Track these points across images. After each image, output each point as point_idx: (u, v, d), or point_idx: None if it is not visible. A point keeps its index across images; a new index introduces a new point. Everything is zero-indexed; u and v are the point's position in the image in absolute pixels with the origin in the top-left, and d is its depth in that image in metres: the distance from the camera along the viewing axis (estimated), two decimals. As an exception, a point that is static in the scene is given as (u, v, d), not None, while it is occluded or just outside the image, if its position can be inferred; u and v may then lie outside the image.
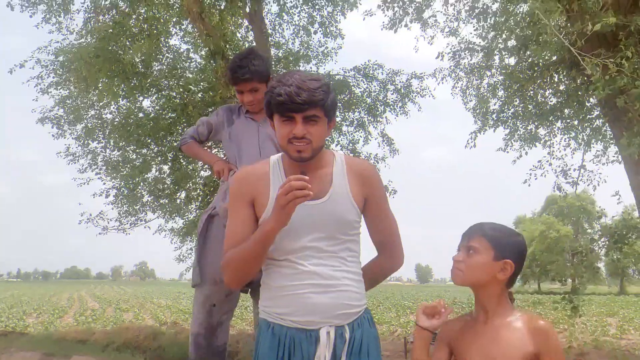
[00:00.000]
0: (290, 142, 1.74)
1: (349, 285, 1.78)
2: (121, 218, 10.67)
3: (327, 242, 1.77)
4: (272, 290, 1.80)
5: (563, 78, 9.06)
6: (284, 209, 1.60)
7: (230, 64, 2.95)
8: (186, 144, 3.17)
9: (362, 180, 1.86)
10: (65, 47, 9.52)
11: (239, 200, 1.82)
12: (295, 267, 1.75)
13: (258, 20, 9.58)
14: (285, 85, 1.70)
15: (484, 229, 1.77)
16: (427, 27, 9.68)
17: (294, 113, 1.71)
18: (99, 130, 10.07)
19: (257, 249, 1.70)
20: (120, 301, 31.66)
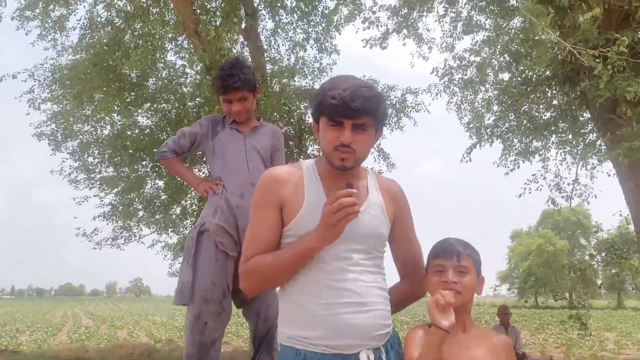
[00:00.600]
0: (336, 149, 1.64)
1: (382, 304, 1.67)
2: (116, 234, 10.62)
3: (361, 255, 1.66)
4: (299, 309, 1.63)
5: (556, 93, 9.13)
6: (335, 228, 1.51)
7: (218, 73, 2.86)
8: (166, 160, 3.00)
9: (392, 198, 1.80)
10: (61, 63, 9.56)
11: (267, 203, 1.69)
12: (328, 282, 1.61)
13: (254, 36, 9.65)
14: (340, 89, 1.61)
15: (465, 247, 1.79)
16: (422, 43, 9.78)
17: (345, 119, 1.62)
18: (93, 146, 10.04)
19: (295, 263, 1.60)
20: (114, 318, 31.34)
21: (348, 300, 1.59)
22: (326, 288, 1.60)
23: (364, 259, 1.66)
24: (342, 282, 1.60)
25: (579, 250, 47.35)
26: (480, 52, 9.59)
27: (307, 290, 1.62)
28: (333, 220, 1.49)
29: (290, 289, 1.67)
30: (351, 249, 1.64)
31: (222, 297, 2.74)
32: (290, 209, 1.67)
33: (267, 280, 1.68)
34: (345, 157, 1.64)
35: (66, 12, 9.84)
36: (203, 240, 2.78)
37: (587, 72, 7.32)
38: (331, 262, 1.62)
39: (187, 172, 3.27)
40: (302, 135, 9.75)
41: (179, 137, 3.00)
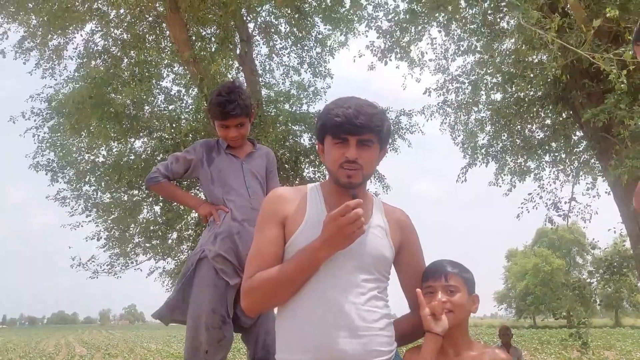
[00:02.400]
0: (341, 167, 1.66)
1: (381, 329, 1.62)
2: (112, 261, 10.55)
3: (362, 276, 1.63)
4: (293, 333, 1.62)
5: (549, 112, 9.25)
6: (348, 239, 1.54)
7: (215, 99, 2.81)
8: (157, 184, 2.89)
9: (399, 226, 1.80)
10: (58, 93, 9.64)
11: (269, 220, 1.71)
12: (326, 304, 1.58)
13: (248, 62, 9.78)
14: (343, 107, 1.65)
15: (453, 267, 1.81)
16: (414, 65, 9.92)
17: (349, 135, 1.64)
18: (90, 174, 10.04)
19: (301, 274, 1.60)
20: (109, 346, 30.87)
21: (343, 323, 1.56)
22: (322, 311, 1.58)
23: (365, 280, 1.64)
24: (340, 305, 1.58)
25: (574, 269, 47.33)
26: (472, 74, 9.73)
27: (303, 313, 1.61)
28: (348, 230, 1.51)
29: (287, 312, 1.66)
30: (352, 269, 1.63)
31: (222, 324, 2.70)
32: (292, 224, 1.69)
33: (271, 296, 1.64)
34: (352, 173, 1.65)
35: (63, 42, 9.95)
36: (202, 266, 2.73)
37: (578, 90, 7.46)
38: (330, 284, 1.61)
39: (184, 195, 3.23)
40: (298, 158, 9.80)
41: (171, 162, 2.93)
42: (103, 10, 9.62)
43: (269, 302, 1.69)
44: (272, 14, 10.79)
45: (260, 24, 10.71)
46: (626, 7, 6.84)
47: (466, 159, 9.82)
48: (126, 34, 9.88)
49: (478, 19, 9.23)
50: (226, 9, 8.69)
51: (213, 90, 3.26)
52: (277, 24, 10.94)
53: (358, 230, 1.53)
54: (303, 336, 1.59)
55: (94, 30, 9.92)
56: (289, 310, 1.65)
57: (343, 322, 1.56)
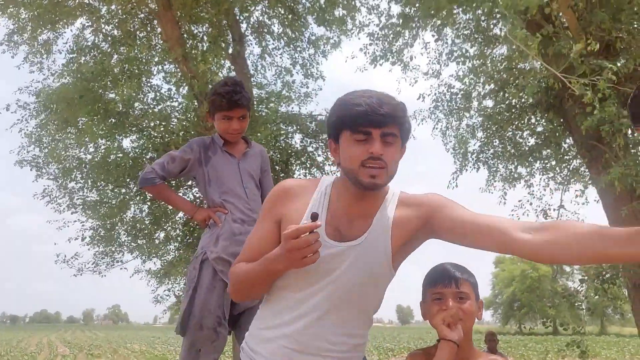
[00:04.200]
0: (364, 165, 1.46)
1: (337, 352, 1.55)
2: (97, 259, 10.42)
3: (340, 294, 1.52)
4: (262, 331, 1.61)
5: (540, 120, 9.29)
6: (300, 263, 1.41)
7: (221, 89, 2.77)
8: (153, 186, 2.83)
9: (417, 204, 1.57)
10: (46, 87, 9.51)
11: (268, 213, 1.62)
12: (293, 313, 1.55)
13: (240, 61, 9.72)
14: (364, 96, 1.48)
15: (462, 272, 1.74)
16: (408, 69, 9.93)
17: (373, 128, 1.46)
18: (76, 170, 9.91)
19: (260, 280, 1.55)
20: (92, 346, 30.54)
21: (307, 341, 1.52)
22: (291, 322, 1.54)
23: (347, 301, 1.54)
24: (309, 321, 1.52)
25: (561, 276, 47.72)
26: (464, 80, 9.75)
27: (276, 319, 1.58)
28: (296, 256, 1.38)
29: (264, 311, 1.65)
30: (333, 290, 1.52)
31: (217, 325, 2.71)
32: (288, 223, 1.54)
33: (245, 289, 1.62)
34: (376, 172, 1.46)
35: (53, 36, 9.83)
36: (204, 269, 2.73)
37: (570, 99, 7.48)
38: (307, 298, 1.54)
39: (179, 199, 3.18)
40: (288, 159, 9.76)
41: (166, 161, 2.85)
42: (94, 5, 9.51)
43: (245, 293, 1.67)
44: (265, 13, 10.75)
45: (253, 23, 10.66)
46: (617, 17, 6.90)
47: (457, 164, 9.83)
48: (117, 30, 9.78)
49: (471, 25, 9.26)
50: (219, 8, 8.63)
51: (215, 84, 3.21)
52: (270, 24, 10.90)
53: (309, 257, 1.38)
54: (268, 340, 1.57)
55: (84, 25, 9.81)
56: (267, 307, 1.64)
57: (306, 339, 1.52)
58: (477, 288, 1.74)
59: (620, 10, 6.87)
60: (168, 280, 11.10)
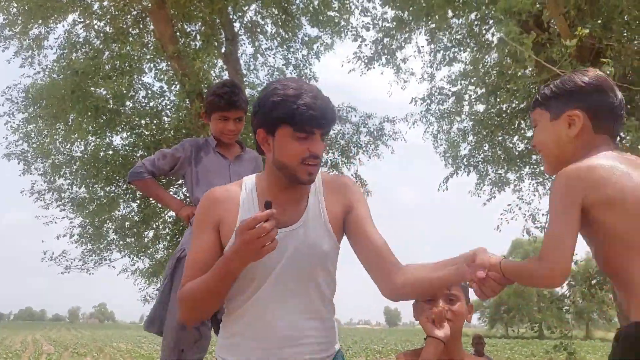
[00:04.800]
0: (304, 163, 1.51)
1: (313, 337, 1.56)
2: (85, 257, 10.33)
3: (295, 279, 1.54)
4: (230, 334, 1.60)
5: (530, 125, 9.36)
6: (259, 254, 1.38)
7: (220, 90, 2.80)
8: (142, 180, 2.86)
9: (341, 192, 1.65)
10: (37, 82, 9.43)
11: (203, 224, 1.58)
12: (259, 314, 1.54)
13: (233, 61, 9.68)
14: (310, 97, 1.49)
15: None
16: (400, 72, 9.98)
17: (317, 129, 1.50)
18: (65, 167, 9.82)
19: (219, 285, 1.48)
20: (77, 345, 30.26)
21: (277, 334, 1.53)
22: (256, 321, 1.54)
23: (302, 284, 1.56)
24: (272, 313, 1.53)
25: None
26: (456, 83, 9.81)
27: (239, 323, 1.58)
28: (255, 246, 1.36)
29: (226, 321, 1.63)
30: (286, 274, 1.54)
31: (200, 324, 2.69)
32: (226, 230, 1.56)
33: (198, 307, 1.55)
34: (313, 170, 1.53)
35: (45, 31, 9.75)
36: (180, 266, 2.71)
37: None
38: (260, 289, 1.54)
39: (166, 195, 3.18)
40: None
41: (157, 158, 2.88)
42: (86, 1, 9.44)
43: (199, 312, 1.60)
44: (258, 13, 10.74)
45: (247, 23, 10.64)
46: (609, 25, 6.98)
47: (447, 168, 9.88)
48: (109, 27, 9.72)
49: (464, 30, 9.33)
50: (212, 7, 8.60)
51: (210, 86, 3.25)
52: (264, 24, 10.89)
53: (268, 245, 1.37)
54: (239, 348, 1.57)
55: (76, 21, 9.73)
56: (230, 311, 1.62)
57: (276, 333, 1.53)
58: (467, 291, 1.76)
59: (611, 19, 6.96)
60: (156, 279, 11.03)
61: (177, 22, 9.33)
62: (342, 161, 10.93)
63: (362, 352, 24.01)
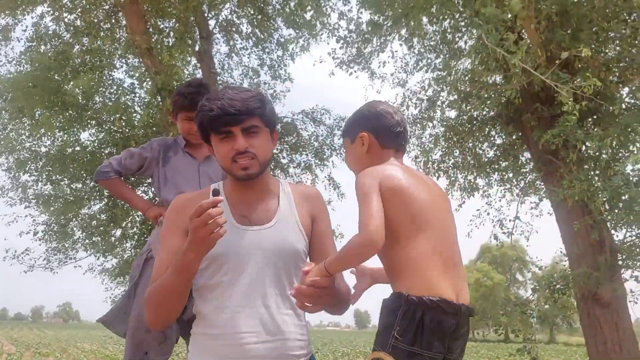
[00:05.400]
0: (234, 161, 1.57)
1: (293, 333, 1.58)
2: (49, 256, 10.06)
3: (270, 276, 1.56)
4: (206, 339, 1.57)
5: (500, 133, 9.54)
6: (206, 242, 1.39)
7: (185, 90, 2.76)
8: (108, 179, 2.82)
9: (309, 201, 1.72)
10: (2, 75, 9.15)
11: (173, 228, 1.61)
12: (235, 309, 1.54)
13: (207, 59, 9.59)
14: (216, 100, 1.55)
15: None
16: (375, 77, 10.04)
17: (231, 126, 1.55)
18: (31, 163, 9.55)
19: (177, 281, 1.47)
20: (40, 345, 29.44)
21: (254, 329, 1.53)
22: (232, 316, 1.54)
23: (273, 279, 1.57)
24: (250, 309, 1.54)
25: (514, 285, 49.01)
26: (428, 89, 9.93)
27: (213, 318, 1.56)
28: (203, 233, 1.38)
29: (199, 316, 1.61)
30: (258, 270, 1.56)
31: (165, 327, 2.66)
32: None
33: (161, 306, 1.53)
34: (246, 164, 1.57)
35: (12, 22, 9.47)
36: (149, 267, 2.68)
37: (531, 113, 7.72)
38: (236, 287, 1.55)
39: (133, 195, 3.11)
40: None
41: (124, 157, 2.84)
42: (56, -8, 9.21)
43: (164, 313, 1.56)
44: (234, 12, 10.66)
45: (222, 22, 10.55)
46: (577, 36, 7.16)
47: (418, 172, 9.95)
48: (80, 20, 9.49)
49: (438, 37, 9.44)
50: (187, 4, 8.50)
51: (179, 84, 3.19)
52: (239, 23, 10.81)
53: (215, 232, 1.38)
54: (214, 342, 1.55)
55: (46, 13, 9.47)
56: (200, 314, 1.60)
57: (254, 328, 1.53)
58: None
59: (580, 31, 7.13)
60: (123, 279, 10.82)
61: (151, 17, 9.19)
62: (316, 163, 10.94)
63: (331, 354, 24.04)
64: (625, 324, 7.36)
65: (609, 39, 7.69)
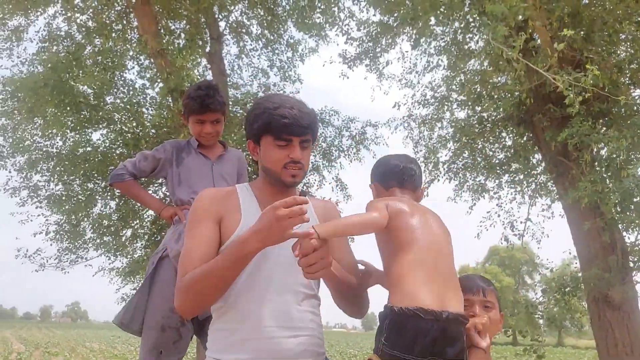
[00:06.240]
0: (285, 167, 1.67)
1: (315, 330, 1.64)
2: (61, 255, 10.12)
3: (293, 275, 1.61)
4: (229, 333, 1.60)
5: (510, 134, 9.49)
6: (281, 234, 1.44)
7: (194, 93, 2.80)
8: (123, 182, 2.89)
9: (326, 210, 1.84)
10: (15, 75, 9.23)
11: (205, 217, 1.65)
12: (260, 304, 1.58)
13: (217, 60, 9.62)
14: (286, 107, 1.65)
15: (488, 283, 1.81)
16: (383, 78, 10.03)
17: (294, 136, 1.66)
18: (42, 163, 9.62)
19: (231, 270, 1.51)
20: (49, 344, 29.65)
21: (280, 323, 1.57)
22: (256, 310, 1.58)
23: (299, 280, 1.61)
24: (274, 304, 1.58)
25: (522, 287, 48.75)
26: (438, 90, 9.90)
27: (238, 314, 1.60)
28: (286, 225, 1.43)
29: (222, 312, 1.64)
30: (285, 270, 1.62)
31: (179, 325, 2.68)
32: (228, 226, 1.65)
33: (202, 294, 1.56)
34: (296, 173, 1.68)
35: (25, 23, 9.56)
36: (163, 265, 2.72)
37: (542, 114, 7.68)
38: (265, 283, 1.60)
39: (147, 196, 3.16)
40: (261, 160, 9.68)
41: (139, 160, 2.90)
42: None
43: (201, 301, 1.60)
44: (244, 14, 10.69)
45: (232, 23, 10.59)
46: (590, 37, 7.11)
47: (426, 174, 9.92)
48: (91, 21, 9.56)
49: (448, 37, 9.41)
50: (198, 5, 8.54)
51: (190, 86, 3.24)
52: (249, 24, 10.84)
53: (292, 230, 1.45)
54: (238, 337, 1.58)
55: (58, 13, 9.54)
56: (223, 310, 1.63)
57: (279, 321, 1.57)
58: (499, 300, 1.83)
59: (592, 31, 7.09)
60: (133, 278, 10.87)
61: (162, 19, 9.24)
62: (324, 164, 10.94)
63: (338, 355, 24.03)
64: (637, 326, 7.29)
65: (620, 41, 7.64)
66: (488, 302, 1.77)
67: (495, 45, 5.82)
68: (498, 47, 5.78)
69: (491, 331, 1.73)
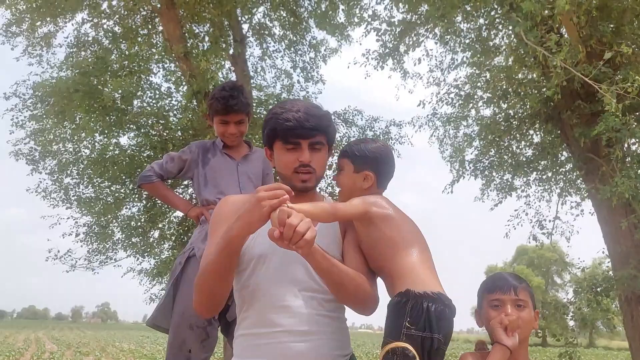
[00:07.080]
0: (296, 171, 1.67)
1: (330, 332, 1.61)
2: (90, 256, 10.33)
3: (309, 279, 1.61)
4: (244, 339, 1.63)
5: (538, 131, 9.32)
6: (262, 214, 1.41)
7: (219, 94, 2.82)
8: (151, 183, 2.93)
9: None
10: (45, 80, 9.46)
11: (225, 221, 1.62)
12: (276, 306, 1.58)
13: (241, 62, 9.70)
14: (292, 111, 1.65)
15: (521, 280, 1.78)
16: (407, 76, 9.95)
17: (301, 139, 1.65)
18: (72, 166, 9.84)
19: (219, 259, 1.51)
20: (80, 344, 30.29)
21: (295, 327, 1.56)
22: (274, 315, 1.57)
23: (315, 283, 1.61)
24: (292, 309, 1.57)
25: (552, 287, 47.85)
26: (463, 88, 9.77)
27: (255, 318, 1.61)
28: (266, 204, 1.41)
29: (242, 317, 1.66)
30: (301, 274, 1.61)
31: (207, 324, 2.70)
32: None
33: (207, 288, 1.58)
34: (306, 177, 1.67)
35: (53, 29, 9.79)
36: (190, 265, 2.74)
37: (571, 111, 7.51)
38: (282, 287, 1.59)
39: (174, 197, 3.21)
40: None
41: (165, 161, 2.95)
42: (95, 0, 9.47)
43: (208, 297, 1.62)
44: (267, 16, 10.75)
45: (255, 25, 10.66)
46: (620, 30, 6.94)
47: (452, 173, 9.81)
48: (118, 27, 9.75)
49: (472, 34, 9.29)
50: (221, 8, 8.62)
51: (215, 87, 3.27)
52: (272, 26, 10.91)
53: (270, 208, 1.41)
54: (252, 343, 1.59)
55: (85, 20, 9.75)
56: (242, 316, 1.66)
57: (295, 326, 1.56)
58: (533, 298, 1.78)
59: (622, 26, 6.92)
60: (161, 279, 11.01)
61: (186, 23, 9.36)
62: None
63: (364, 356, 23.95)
64: (672, 327, 7.09)
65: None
66: (520, 300, 1.72)
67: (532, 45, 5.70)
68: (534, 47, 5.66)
69: (524, 330, 1.68)
